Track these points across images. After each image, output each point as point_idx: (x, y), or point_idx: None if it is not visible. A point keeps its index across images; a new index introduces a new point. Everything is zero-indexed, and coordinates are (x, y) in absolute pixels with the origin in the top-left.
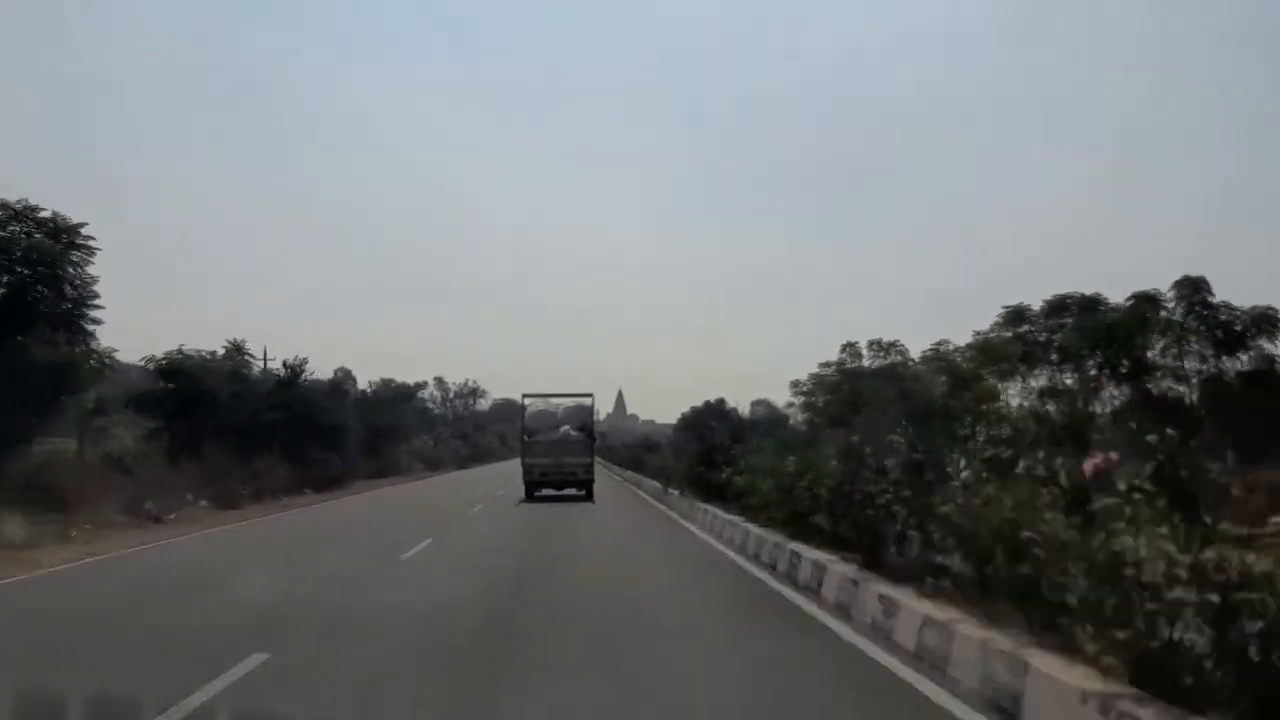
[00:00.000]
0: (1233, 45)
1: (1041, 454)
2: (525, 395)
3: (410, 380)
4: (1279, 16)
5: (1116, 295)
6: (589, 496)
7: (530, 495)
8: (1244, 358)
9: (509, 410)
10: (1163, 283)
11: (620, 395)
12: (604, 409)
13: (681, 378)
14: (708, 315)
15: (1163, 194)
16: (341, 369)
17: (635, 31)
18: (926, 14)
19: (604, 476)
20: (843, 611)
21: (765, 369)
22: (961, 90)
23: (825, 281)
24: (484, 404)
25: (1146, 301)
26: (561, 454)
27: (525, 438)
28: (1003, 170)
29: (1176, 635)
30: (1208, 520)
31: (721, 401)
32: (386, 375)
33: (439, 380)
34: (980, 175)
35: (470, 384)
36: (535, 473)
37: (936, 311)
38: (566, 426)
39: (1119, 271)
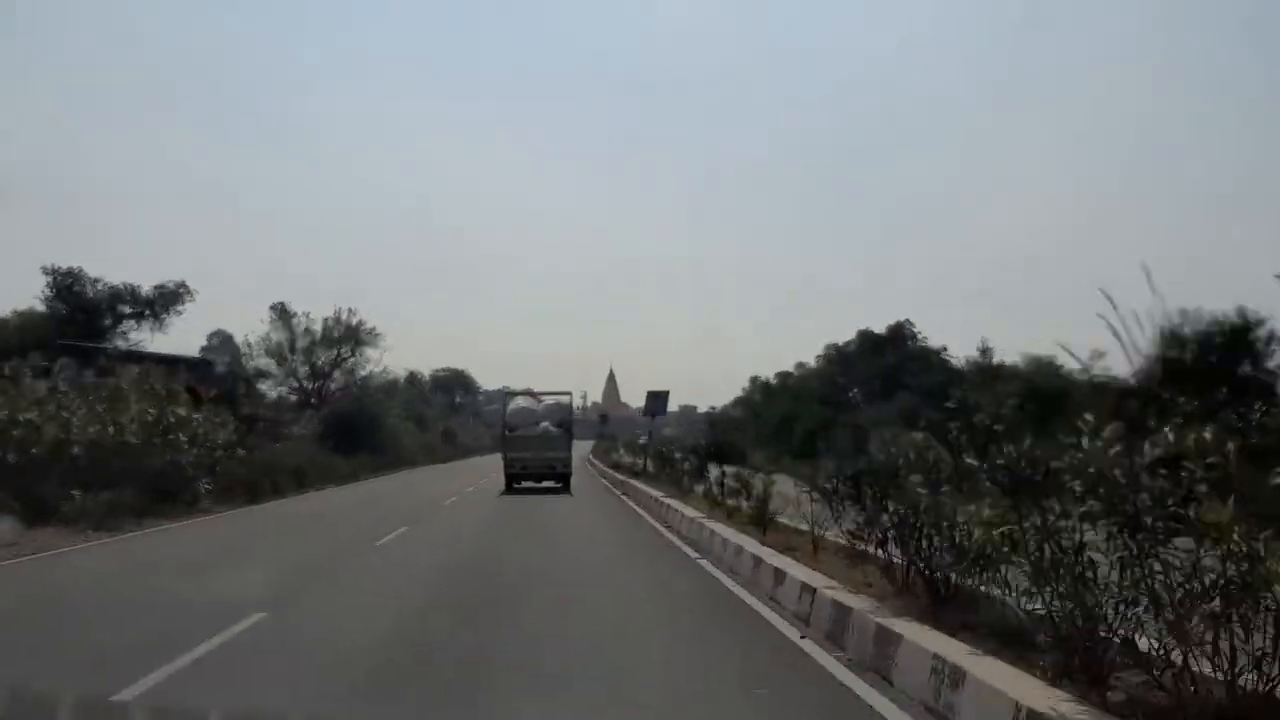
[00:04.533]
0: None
1: None
2: (507, 392)
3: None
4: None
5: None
6: (566, 488)
7: (510, 487)
8: None
9: (433, 383)
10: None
11: (612, 375)
12: (594, 394)
13: (675, 361)
14: (705, 302)
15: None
16: None
17: (631, 27)
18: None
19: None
20: None
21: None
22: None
23: (823, 275)
24: (378, 363)
25: None
26: (541, 448)
27: (507, 432)
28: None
29: None
30: None
31: (901, 326)
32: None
33: (279, 310)
34: (971, 171)
35: (345, 317)
36: (517, 465)
37: (933, 303)
38: (546, 422)
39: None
